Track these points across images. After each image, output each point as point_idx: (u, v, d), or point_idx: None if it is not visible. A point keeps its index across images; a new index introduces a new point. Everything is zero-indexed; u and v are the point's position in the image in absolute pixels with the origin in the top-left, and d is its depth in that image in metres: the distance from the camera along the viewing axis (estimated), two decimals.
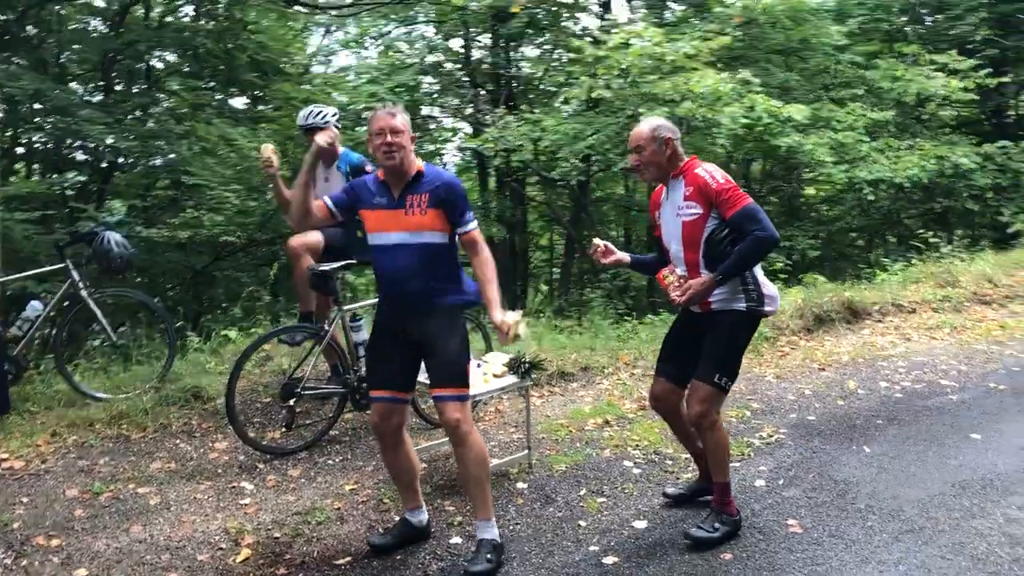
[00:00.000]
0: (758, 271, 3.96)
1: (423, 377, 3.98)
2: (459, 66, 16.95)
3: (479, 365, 4.73)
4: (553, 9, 15.32)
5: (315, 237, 5.44)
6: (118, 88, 12.32)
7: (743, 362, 4.07)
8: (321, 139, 3.76)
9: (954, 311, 8.99)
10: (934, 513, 4.20)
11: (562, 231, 20.90)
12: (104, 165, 11.85)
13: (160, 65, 13.67)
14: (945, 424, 5.59)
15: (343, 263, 5.21)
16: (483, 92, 15.33)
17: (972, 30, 14.74)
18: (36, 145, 11.40)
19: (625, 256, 4.23)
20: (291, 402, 5.01)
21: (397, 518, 4.28)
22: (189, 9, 13.74)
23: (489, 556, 3.73)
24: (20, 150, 11.55)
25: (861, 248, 19.53)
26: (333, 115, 5.68)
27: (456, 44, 17.53)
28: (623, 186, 19.95)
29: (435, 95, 17.16)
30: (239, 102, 14.60)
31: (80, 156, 12.35)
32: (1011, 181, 13.39)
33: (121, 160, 11.90)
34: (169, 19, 12.95)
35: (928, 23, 16.94)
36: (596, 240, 4.20)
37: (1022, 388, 6.38)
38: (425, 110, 17.79)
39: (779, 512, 4.29)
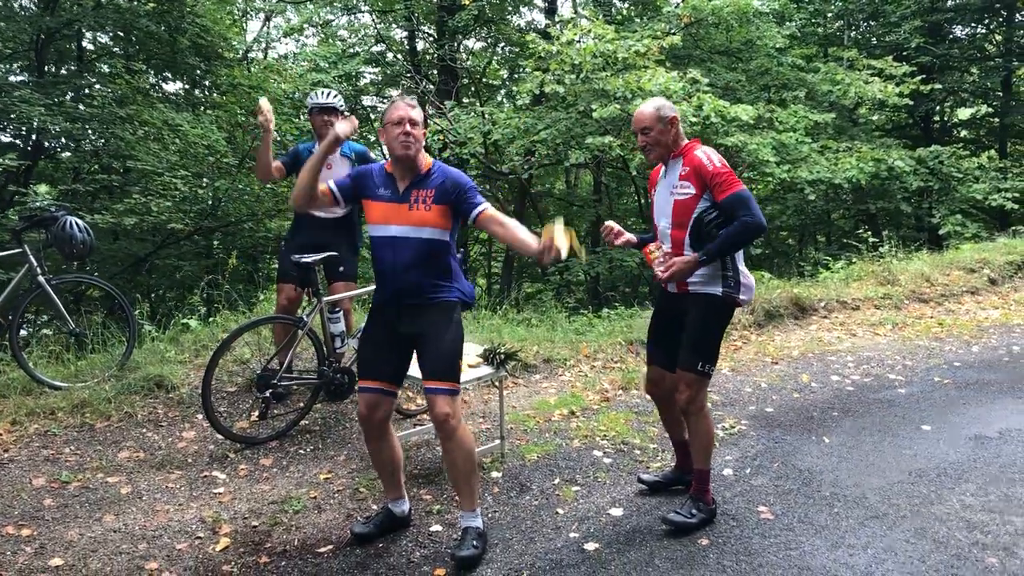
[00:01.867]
0: (739, 260, 4.04)
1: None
2: (402, 57, 16.89)
3: None
4: (496, 2, 15.36)
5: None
6: (49, 69, 11.97)
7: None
8: (343, 129, 3.67)
9: (895, 308, 9.32)
10: (895, 500, 4.37)
11: None
12: (28, 148, 11.49)
13: (91, 47, 13.31)
14: (897, 416, 5.80)
15: (324, 255, 5.19)
16: (431, 85, 15.29)
17: (907, 37, 15.25)
18: None
19: (632, 237, 4.26)
20: (267, 393, 4.96)
21: (375, 507, 4.29)
22: None
23: (475, 543, 3.77)
24: None
25: (791, 247, 20.12)
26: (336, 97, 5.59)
27: (400, 35, 17.48)
28: (564, 181, 20.12)
29: (379, 86, 17.09)
30: (173, 87, 14.30)
31: (5, 138, 11.95)
32: (941, 185, 13.90)
33: (54, 143, 11.55)
34: None
35: (863, 29, 17.50)
36: (609, 222, 4.22)
37: (965, 382, 6.65)
38: (367, 100, 17.72)
39: (749, 500, 4.41)
